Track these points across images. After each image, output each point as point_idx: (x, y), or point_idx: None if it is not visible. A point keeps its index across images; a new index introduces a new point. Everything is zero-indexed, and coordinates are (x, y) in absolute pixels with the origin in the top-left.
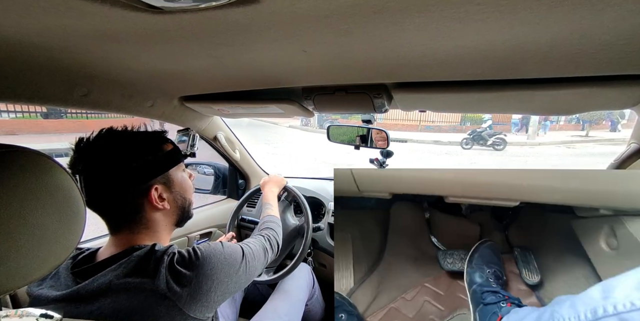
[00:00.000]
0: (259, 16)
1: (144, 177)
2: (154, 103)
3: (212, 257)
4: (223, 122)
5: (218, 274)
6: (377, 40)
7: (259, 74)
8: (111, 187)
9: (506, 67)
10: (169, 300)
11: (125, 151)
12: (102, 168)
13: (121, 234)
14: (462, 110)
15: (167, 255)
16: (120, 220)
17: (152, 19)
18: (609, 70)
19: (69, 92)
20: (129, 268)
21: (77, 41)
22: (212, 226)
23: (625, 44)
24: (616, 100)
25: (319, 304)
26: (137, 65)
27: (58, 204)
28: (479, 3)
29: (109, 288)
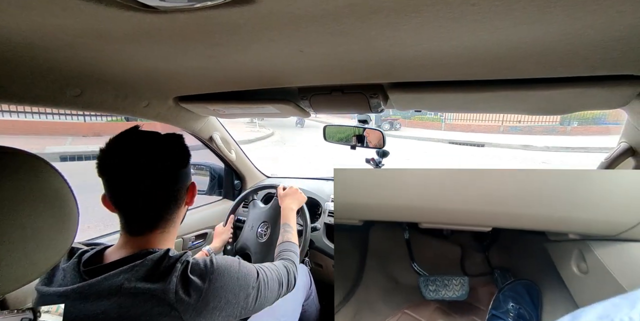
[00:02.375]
0: (255, 16)
1: (189, 173)
2: (149, 104)
3: (225, 274)
4: (219, 122)
5: (227, 293)
6: (373, 41)
7: (255, 74)
8: (165, 182)
9: (501, 67)
10: (175, 311)
11: (176, 152)
12: (155, 163)
13: (141, 235)
14: (458, 110)
15: (180, 262)
16: (154, 218)
17: (147, 19)
18: (601, 71)
19: (61, 92)
20: (141, 273)
21: (71, 40)
22: (208, 227)
23: (616, 44)
24: (607, 100)
25: (314, 305)
26: (132, 65)
27: (51, 206)
28: (474, 3)
29: (118, 290)
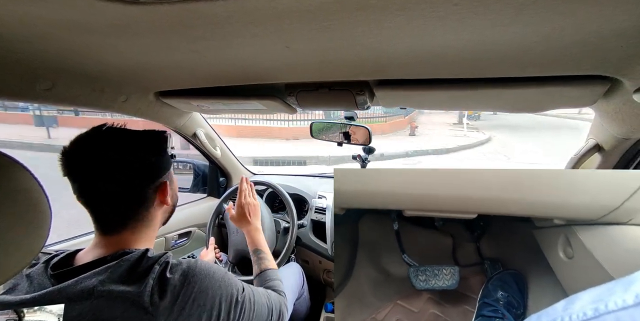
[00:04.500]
0: (239, 10)
1: (160, 171)
2: (128, 99)
3: (207, 278)
4: (202, 118)
5: (206, 300)
6: (359, 37)
7: (241, 70)
8: (129, 182)
9: (481, 66)
10: (149, 315)
11: (145, 146)
12: (120, 162)
13: (115, 234)
14: (441, 107)
15: (159, 264)
16: (124, 217)
17: (126, 10)
18: (571, 71)
19: (30, 85)
20: (116, 274)
21: (41, 31)
22: (192, 225)
23: (585, 46)
24: (577, 99)
25: (305, 303)
26: (109, 58)
27: (20, 208)
28: (456, 3)
29: (91, 293)
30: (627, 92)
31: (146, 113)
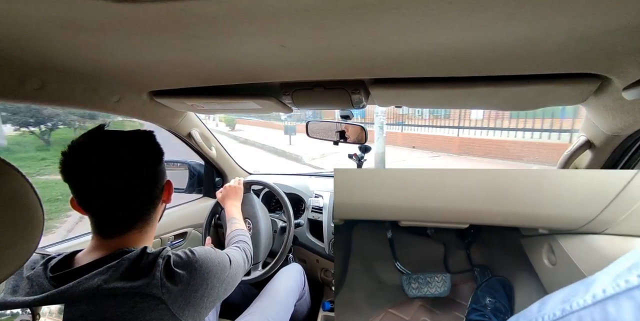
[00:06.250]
0: (234, 8)
1: (164, 170)
2: (121, 99)
3: (207, 261)
4: (197, 118)
5: (212, 279)
6: (354, 36)
7: (236, 69)
8: (144, 182)
9: (476, 64)
10: (163, 304)
11: (152, 146)
12: (135, 163)
13: (116, 237)
14: (436, 106)
15: (161, 257)
16: (133, 219)
17: (118, 8)
18: (563, 69)
19: (20, 85)
20: (119, 272)
21: (32, 30)
22: (188, 226)
23: (576, 45)
24: (569, 97)
25: (306, 304)
26: (102, 57)
27: (12, 210)
28: (450, 2)
29: (95, 293)
30: (617, 89)
31: (140, 113)
